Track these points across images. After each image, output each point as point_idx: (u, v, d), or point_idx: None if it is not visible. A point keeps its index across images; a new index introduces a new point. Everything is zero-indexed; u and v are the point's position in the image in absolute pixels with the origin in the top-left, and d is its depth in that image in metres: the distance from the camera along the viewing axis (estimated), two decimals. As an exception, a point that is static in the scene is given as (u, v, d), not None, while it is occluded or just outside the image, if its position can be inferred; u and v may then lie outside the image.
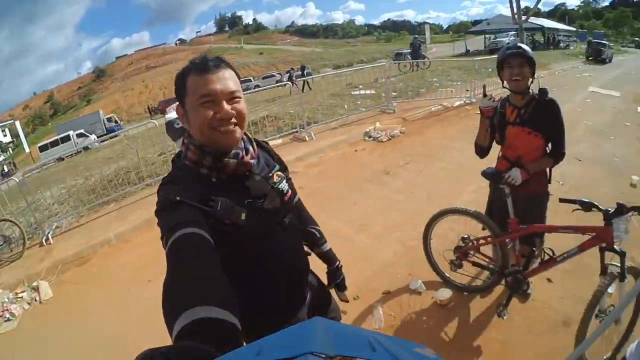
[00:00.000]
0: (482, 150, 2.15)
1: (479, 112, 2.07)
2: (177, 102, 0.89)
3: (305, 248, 1.16)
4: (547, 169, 2.03)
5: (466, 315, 2.35)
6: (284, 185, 0.99)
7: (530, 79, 1.90)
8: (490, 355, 2.05)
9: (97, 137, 19.69)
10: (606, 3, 78.51)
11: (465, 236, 2.30)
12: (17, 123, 47.48)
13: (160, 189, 0.85)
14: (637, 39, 46.92)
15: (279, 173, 1.00)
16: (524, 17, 11.08)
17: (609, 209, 1.65)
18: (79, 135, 20.68)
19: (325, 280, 1.28)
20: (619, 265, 1.64)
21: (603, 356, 1.82)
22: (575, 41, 30.23)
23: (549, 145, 1.97)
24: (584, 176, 3.97)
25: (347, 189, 4.46)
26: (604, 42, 22.84)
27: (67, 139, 20.36)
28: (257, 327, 0.74)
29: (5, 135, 42.80)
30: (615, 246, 1.64)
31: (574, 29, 36.79)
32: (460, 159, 4.90)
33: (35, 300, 3.39)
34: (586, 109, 7.09)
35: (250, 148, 0.94)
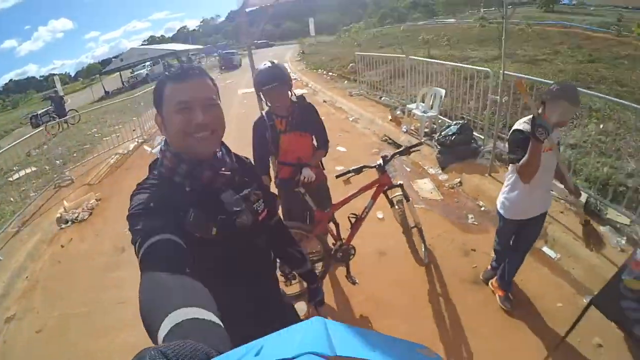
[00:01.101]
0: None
1: None
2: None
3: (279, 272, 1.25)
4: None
5: (328, 308, 2.47)
6: (259, 205, 0.97)
7: (290, 93, 2.05)
8: (373, 315, 2.35)
9: None
10: (222, 19, 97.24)
11: None
12: None
13: (134, 195, 0.81)
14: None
15: (257, 192, 0.98)
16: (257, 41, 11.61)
17: (379, 163, 2.15)
18: None
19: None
20: (401, 193, 2.28)
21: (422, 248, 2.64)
22: (203, 57, 35.49)
23: (314, 140, 2.27)
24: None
25: (104, 290, 3.16)
26: (232, 51, 28.41)
27: None
28: None
29: None
30: (394, 183, 2.19)
31: (201, 47, 42.98)
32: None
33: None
34: (249, 109, 7.38)
35: (228, 160, 0.91)
